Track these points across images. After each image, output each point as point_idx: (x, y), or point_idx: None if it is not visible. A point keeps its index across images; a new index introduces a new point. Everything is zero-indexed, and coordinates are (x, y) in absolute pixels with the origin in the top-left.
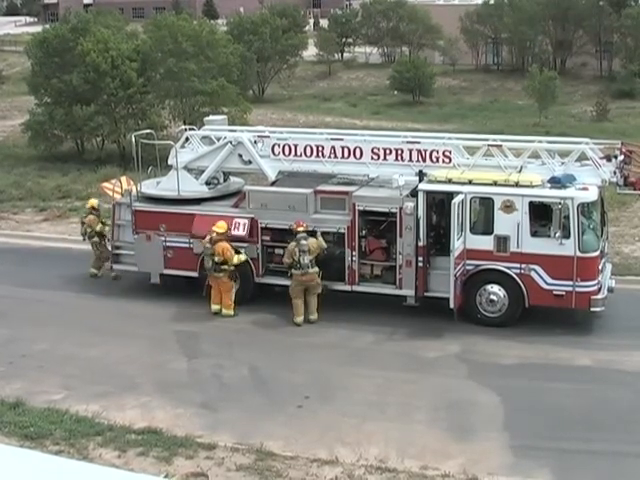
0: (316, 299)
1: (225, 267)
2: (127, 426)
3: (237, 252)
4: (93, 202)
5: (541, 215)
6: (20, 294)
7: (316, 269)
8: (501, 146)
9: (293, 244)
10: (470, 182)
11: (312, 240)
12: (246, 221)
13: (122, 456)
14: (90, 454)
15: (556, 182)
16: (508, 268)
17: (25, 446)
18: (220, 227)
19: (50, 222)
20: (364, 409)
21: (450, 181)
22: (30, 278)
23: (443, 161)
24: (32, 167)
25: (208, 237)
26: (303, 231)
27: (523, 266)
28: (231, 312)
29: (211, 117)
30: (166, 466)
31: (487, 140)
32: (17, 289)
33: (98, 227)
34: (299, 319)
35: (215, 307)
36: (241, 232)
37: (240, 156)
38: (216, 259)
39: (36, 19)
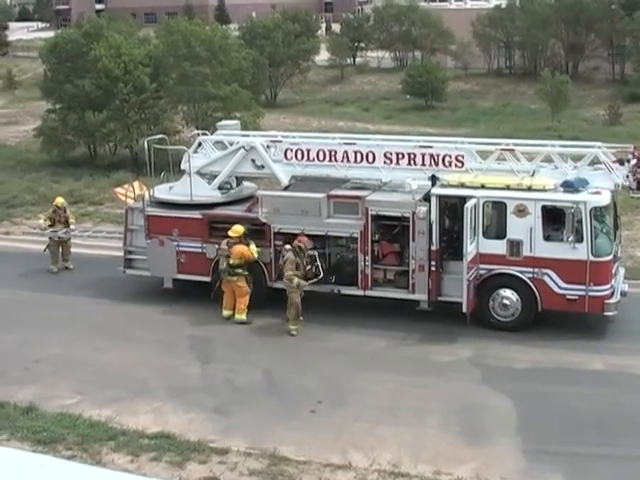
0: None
1: (240, 271)
2: (140, 431)
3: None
4: (58, 201)
5: (554, 219)
6: (33, 298)
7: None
8: (514, 150)
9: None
10: (483, 186)
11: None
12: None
13: (135, 461)
14: (103, 459)
15: (569, 186)
16: (521, 272)
17: (38, 451)
18: (236, 231)
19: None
20: (377, 414)
21: (463, 185)
22: (43, 282)
23: (456, 165)
24: (45, 172)
25: (225, 241)
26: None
27: (536, 270)
28: (244, 317)
29: (224, 122)
30: (179, 471)
31: (500, 144)
32: (30, 294)
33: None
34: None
35: (227, 312)
36: None
37: (253, 161)
38: (231, 261)
39: (48, 24)
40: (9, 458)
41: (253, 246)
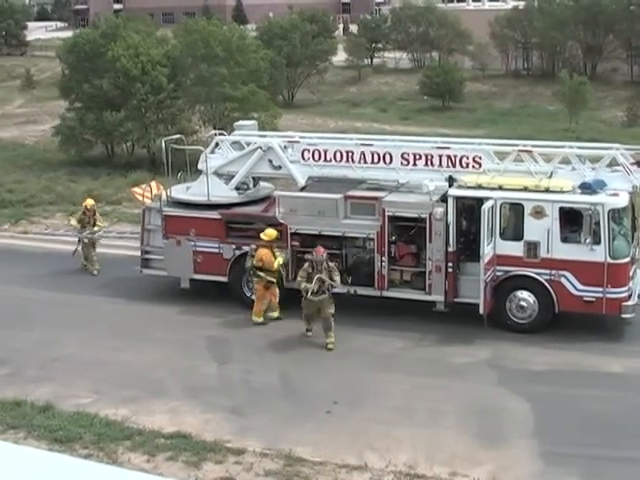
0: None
1: (261, 274)
2: (156, 430)
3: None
4: (88, 202)
5: (571, 221)
6: (50, 298)
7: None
8: (531, 151)
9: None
10: (500, 188)
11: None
12: None
13: (151, 460)
14: (119, 458)
15: (586, 188)
16: (538, 274)
17: (54, 450)
18: (267, 235)
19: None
20: (393, 415)
21: (480, 187)
22: (60, 282)
23: (473, 166)
24: (62, 171)
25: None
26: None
27: (553, 272)
28: (260, 319)
29: (241, 122)
30: (195, 471)
31: (517, 145)
32: (47, 293)
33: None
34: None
35: (272, 314)
36: None
37: (270, 161)
38: (254, 262)
39: (66, 24)
40: (26, 457)
41: (280, 258)
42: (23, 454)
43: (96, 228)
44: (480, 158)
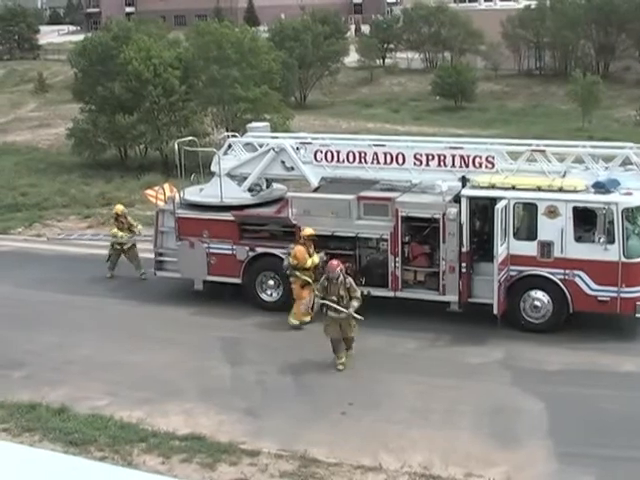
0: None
1: (297, 273)
2: (171, 432)
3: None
4: (118, 208)
5: (585, 220)
6: (64, 300)
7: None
8: (544, 151)
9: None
10: (513, 187)
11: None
12: None
13: (166, 462)
14: (134, 460)
15: (600, 187)
16: (552, 274)
17: (70, 452)
18: (305, 232)
19: (94, 229)
20: (407, 415)
21: (493, 187)
22: (74, 284)
23: (486, 166)
24: (76, 174)
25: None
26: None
27: (567, 272)
28: (296, 322)
29: (253, 124)
30: (210, 472)
31: (530, 145)
32: (61, 295)
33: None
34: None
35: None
36: None
37: (283, 163)
38: (290, 260)
39: (79, 28)
40: (42, 459)
41: (315, 257)
42: (39, 457)
43: (137, 231)
44: (493, 158)
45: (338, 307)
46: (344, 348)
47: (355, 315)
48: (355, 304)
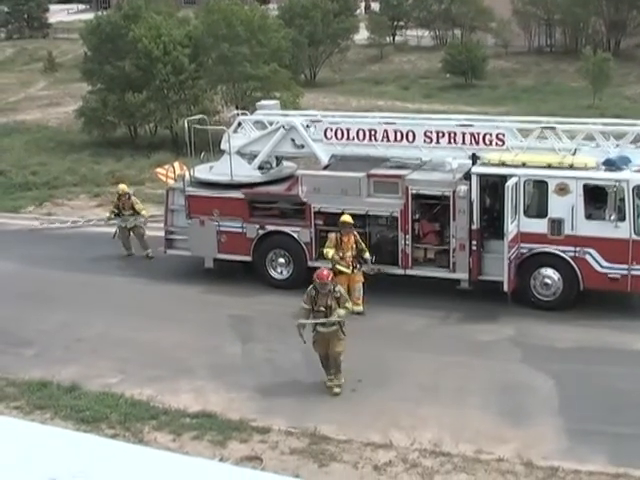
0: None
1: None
2: (182, 410)
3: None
4: (120, 187)
5: (596, 198)
6: (74, 279)
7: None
8: (555, 128)
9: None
10: (524, 165)
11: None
12: None
13: (177, 440)
14: (145, 438)
15: (611, 164)
16: (562, 251)
17: (81, 430)
18: (343, 217)
19: (104, 208)
20: (418, 393)
21: (504, 164)
22: (84, 263)
23: (496, 144)
24: (86, 153)
25: None
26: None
27: (578, 249)
28: (357, 308)
29: (263, 102)
30: (220, 450)
31: (541, 122)
32: (71, 274)
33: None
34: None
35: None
36: None
37: (292, 140)
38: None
39: (88, 6)
40: (53, 437)
41: (330, 252)
42: (50, 434)
43: (143, 214)
44: (503, 135)
45: (322, 321)
46: (335, 365)
47: (339, 320)
48: (342, 313)
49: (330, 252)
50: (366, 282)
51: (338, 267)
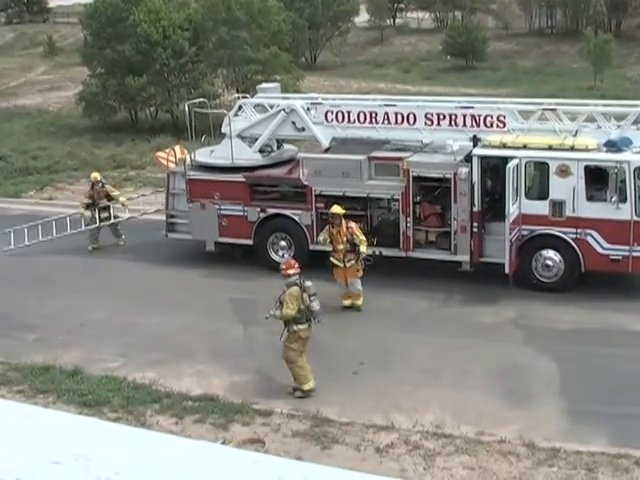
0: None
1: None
2: (184, 393)
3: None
4: (93, 176)
5: (597, 179)
6: (76, 263)
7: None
8: (556, 110)
9: (296, 289)
10: (525, 147)
11: (308, 283)
12: None
13: (179, 423)
14: (148, 421)
15: (612, 145)
16: (564, 233)
17: (84, 413)
18: (333, 208)
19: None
20: (419, 375)
21: (505, 146)
22: (85, 247)
23: (497, 126)
24: (86, 137)
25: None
26: (295, 273)
27: (579, 231)
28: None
29: (264, 85)
30: (223, 433)
31: (542, 104)
32: (73, 258)
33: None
34: (312, 383)
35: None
36: None
37: (293, 123)
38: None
39: None
40: (56, 420)
41: (321, 237)
42: (53, 418)
43: (121, 200)
44: (504, 117)
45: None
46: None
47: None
48: (277, 314)
49: (321, 237)
50: (364, 276)
51: (331, 259)
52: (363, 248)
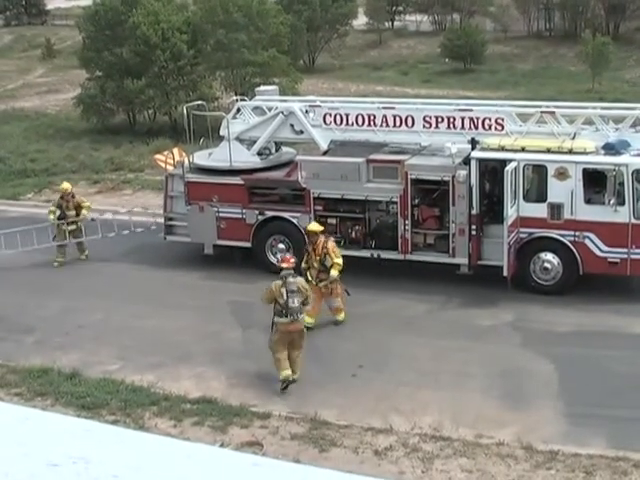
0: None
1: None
2: (182, 396)
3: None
4: (63, 187)
5: (595, 182)
6: (74, 266)
7: (304, 315)
8: (554, 113)
9: (278, 282)
10: (523, 149)
11: (300, 279)
12: None
13: (178, 425)
14: (146, 423)
15: (610, 148)
16: (562, 236)
17: (82, 416)
18: (309, 226)
19: (103, 194)
20: (418, 378)
21: (503, 149)
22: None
23: (496, 128)
24: (84, 140)
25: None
26: (288, 267)
27: (577, 233)
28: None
29: (262, 87)
30: (221, 435)
31: (540, 107)
32: (72, 261)
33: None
34: (286, 373)
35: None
36: None
37: (292, 126)
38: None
39: None
40: (54, 423)
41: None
42: (51, 420)
43: (85, 212)
44: (502, 120)
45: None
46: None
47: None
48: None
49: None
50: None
51: (307, 274)
52: (334, 273)
